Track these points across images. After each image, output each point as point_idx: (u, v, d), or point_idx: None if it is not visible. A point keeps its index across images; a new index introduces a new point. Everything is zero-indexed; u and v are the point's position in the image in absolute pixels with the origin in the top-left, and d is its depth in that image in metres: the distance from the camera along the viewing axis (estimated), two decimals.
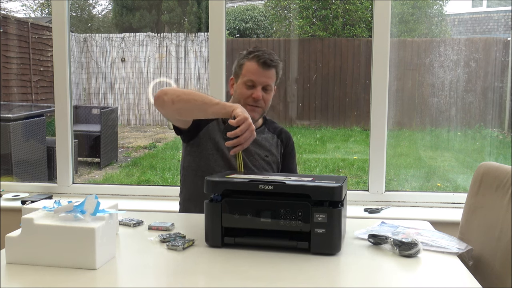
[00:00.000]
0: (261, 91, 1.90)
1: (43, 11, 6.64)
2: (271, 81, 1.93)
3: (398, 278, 1.29)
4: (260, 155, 1.97)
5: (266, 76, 1.90)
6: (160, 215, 1.77)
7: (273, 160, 2.00)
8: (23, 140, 3.92)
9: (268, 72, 1.91)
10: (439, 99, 4.62)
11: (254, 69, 1.89)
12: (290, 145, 2.10)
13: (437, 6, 5.77)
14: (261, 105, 1.92)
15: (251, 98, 1.89)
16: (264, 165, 1.97)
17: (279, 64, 1.95)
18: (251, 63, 1.90)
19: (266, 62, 1.89)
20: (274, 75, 1.94)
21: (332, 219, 1.35)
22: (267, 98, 1.93)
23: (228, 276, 1.25)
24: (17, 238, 1.27)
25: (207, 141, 1.91)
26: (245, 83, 1.90)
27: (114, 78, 6.12)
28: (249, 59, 1.92)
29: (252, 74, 1.89)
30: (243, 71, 1.92)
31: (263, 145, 2.00)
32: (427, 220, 1.78)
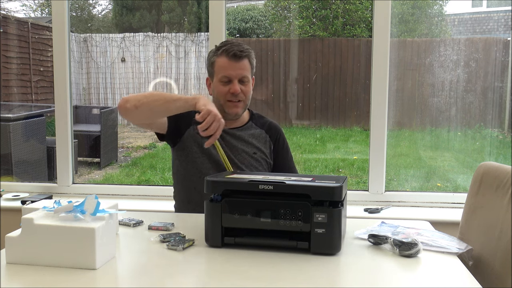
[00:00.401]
0: (238, 84, 1.87)
1: (43, 11, 6.64)
2: (246, 72, 1.89)
3: (398, 278, 1.29)
4: (248, 153, 1.94)
5: (240, 68, 1.87)
6: (160, 215, 1.77)
7: (262, 157, 1.96)
8: (23, 140, 3.92)
9: (240, 63, 1.87)
10: (439, 99, 4.62)
11: (225, 63, 1.87)
12: (280, 140, 2.04)
13: (437, 6, 5.77)
14: (242, 98, 1.89)
15: (230, 93, 1.87)
16: (253, 163, 1.93)
17: (250, 53, 1.91)
18: (221, 59, 1.88)
19: (236, 54, 1.86)
20: (248, 65, 1.90)
21: (332, 219, 1.35)
22: (246, 90, 1.89)
23: (228, 276, 1.25)
24: (17, 238, 1.27)
25: (192, 144, 1.90)
26: (220, 80, 1.88)
27: (114, 78, 6.12)
28: (218, 55, 1.89)
29: (225, 69, 1.87)
30: (215, 68, 1.90)
31: (250, 142, 1.96)
32: (427, 220, 1.78)
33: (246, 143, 1.95)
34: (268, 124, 2.04)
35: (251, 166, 1.92)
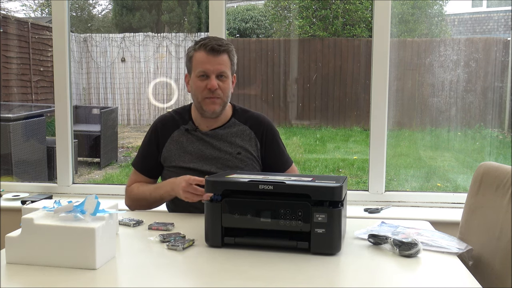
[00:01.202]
0: (216, 79, 1.82)
1: (43, 11, 6.63)
2: (225, 67, 1.83)
3: (398, 278, 1.29)
4: (232, 153, 1.87)
5: (218, 63, 1.82)
6: (160, 215, 1.77)
7: (247, 157, 1.89)
8: (23, 140, 3.92)
9: (219, 58, 1.82)
10: (439, 99, 4.61)
11: (203, 58, 1.82)
12: (267, 134, 1.94)
13: (437, 6, 5.76)
14: (219, 95, 1.83)
15: (207, 89, 1.82)
16: (238, 163, 1.87)
17: (229, 48, 1.86)
18: (199, 53, 1.83)
19: (214, 48, 1.81)
20: (227, 61, 1.85)
21: (332, 219, 1.35)
22: (224, 86, 1.83)
23: (228, 276, 1.25)
24: (17, 238, 1.27)
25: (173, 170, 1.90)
26: (197, 75, 1.83)
27: (114, 78, 6.12)
28: (196, 50, 1.85)
29: (202, 63, 1.82)
30: (193, 63, 1.85)
31: (233, 141, 1.89)
32: (427, 220, 1.78)
33: (229, 143, 1.89)
34: (252, 118, 1.95)
35: (236, 168, 1.86)
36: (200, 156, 1.88)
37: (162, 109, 6.15)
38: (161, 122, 1.96)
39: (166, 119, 1.97)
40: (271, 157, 1.94)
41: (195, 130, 1.91)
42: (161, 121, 1.97)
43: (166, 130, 1.93)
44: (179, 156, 1.89)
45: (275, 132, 1.97)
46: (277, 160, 1.95)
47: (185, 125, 1.92)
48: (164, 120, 1.97)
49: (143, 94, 6.14)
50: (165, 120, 1.96)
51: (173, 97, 6.09)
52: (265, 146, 1.93)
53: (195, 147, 1.89)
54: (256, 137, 1.92)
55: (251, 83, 5.29)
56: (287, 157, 1.99)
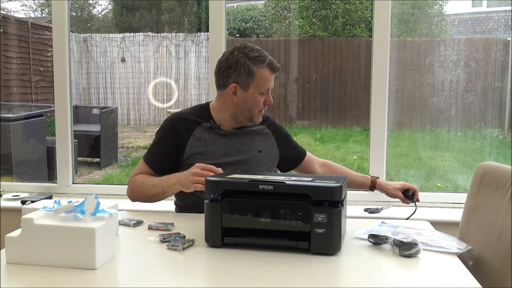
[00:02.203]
0: None
1: (43, 11, 6.63)
2: None
3: (398, 278, 1.29)
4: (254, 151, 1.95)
5: (273, 81, 1.91)
6: (160, 215, 1.77)
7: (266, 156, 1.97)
8: (23, 140, 3.92)
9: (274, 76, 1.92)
10: (439, 99, 4.61)
11: (268, 76, 1.87)
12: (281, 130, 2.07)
13: (437, 6, 5.76)
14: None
15: (263, 104, 1.91)
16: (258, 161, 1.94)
17: None
18: (264, 70, 1.86)
19: (276, 67, 1.89)
20: None
21: (332, 219, 1.35)
22: None
23: (228, 276, 1.25)
24: (17, 238, 1.27)
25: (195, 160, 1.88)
26: (261, 92, 1.88)
27: (114, 78, 6.12)
28: (260, 66, 1.85)
29: (268, 82, 1.88)
30: (257, 79, 1.85)
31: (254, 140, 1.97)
32: (427, 220, 1.78)
33: (251, 141, 1.96)
34: (267, 118, 2.07)
35: (257, 165, 1.93)
36: (224, 153, 1.91)
37: (162, 109, 6.15)
38: (180, 120, 1.94)
39: (184, 117, 1.95)
40: (289, 150, 2.06)
41: (218, 129, 1.94)
42: (179, 119, 1.95)
43: (187, 127, 1.92)
44: (203, 153, 1.89)
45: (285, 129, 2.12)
46: (295, 151, 2.08)
47: (206, 123, 1.94)
48: (182, 118, 1.95)
49: (143, 94, 6.14)
50: (183, 119, 1.95)
51: (173, 97, 6.09)
52: (282, 141, 2.04)
53: (219, 145, 1.91)
54: (273, 136, 2.03)
55: None
56: (300, 147, 2.13)
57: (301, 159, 2.09)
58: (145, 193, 1.88)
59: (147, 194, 1.87)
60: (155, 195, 1.86)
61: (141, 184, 1.89)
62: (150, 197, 1.88)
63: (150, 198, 1.89)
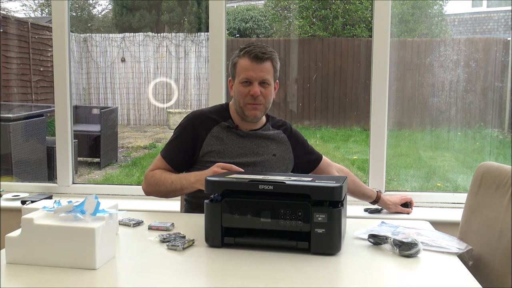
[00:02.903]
0: (259, 86, 1.87)
1: (43, 11, 6.63)
2: (267, 75, 1.88)
3: (398, 278, 1.29)
4: (269, 154, 1.95)
5: (261, 70, 1.87)
6: (160, 215, 1.77)
7: (280, 160, 1.98)
8: (23, 140, 3.92)
9: (262, 66, 1.87)
10: (439, 99, 4.61)
11: (247, 65, 1.87)
12: (297, 135, 2.06)
13: (437, 6, 5.76)
14: (261, 101, 1.89)
15: (249, 95, 1.87)
16: (272, 165, 1.95)
17: (273, 56, 1.91)
18: (243, 60, 1.88)
19: (258, 55, 1.86)
20: (271, 68, 1.90)
21: (332, 219, 1.35)
22: (266, 93, 1.89)
23: (228, 276, 1.25)
24: (17, 238, 1.27)
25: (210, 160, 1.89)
26: (240, 81, 1.88)
27: (114, 78, 6.12)
28: (240, 57, 1.90)
29: (246, 70, 1.87)
30: (237, 69, 1.90)
31: (269, 144, 1.98)
32: (427, 220, 1.78)
33: (266, 145, 1.97)
34: (281, 123, 2.07)
35: (271, 167, 1.94)
36: (240, 153, 1.91)
37: (162, 109, 6.15)
38: (199, 118, 1.96)
39: (204, 115, 1.97)
40: (304, 156, 2.05)
41: (236, 129, 1.95)
42: (199, 116, 1.97)
43: (206, 125, 1.94)
44: (219, 152, 1.90)
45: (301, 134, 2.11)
46: (311, 157, 2.07)
47: (225, 122, 1.95)
48: (201, 116, 1.97)
49: (143, 94, 6.14)
50: (203, 116, 1.97)
51: (173, 97, 6.09)
52: (297, 147, 2.04)
53: (235, 145, 1.92)
54: (289, 141, 2.03)
55: None
56: (317, 152, 2.11)
57: (316, 164, 2.08)
58: (162, 188, 1.87)
59: (164, 190, 1.87)
60: (172, 191, 1.86)
61: (159, 179, 1.89)
62: (167, 193, 1.88)
63: (166, 193, 1.88)
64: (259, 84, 1.87)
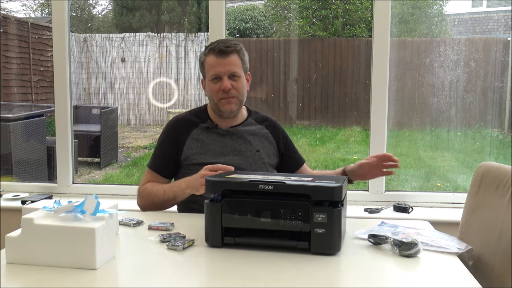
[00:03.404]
0: (229, 80, 1.87)
1: (43, 11, 6.64)
2: (235, 67, 1.88)
3: (398, 278, 1.29)
4: (252, 150, 1.94)
5: (228, 64, 1.86)
6: (160, 215, 1.77)
7: (265, 155, 1.95)
8: (23, 140, 3.92)
9: (229, 59, 1.87)
10: (439, 99, 4.62)
11: (213, 61, 1.87)
12: (283, 134, 2.04)
13: (437, 6, 5.77)
14: (234, 94, 1.88)
15: (221, 91, 1.87)
16: (256, 161, 1.93)
17: (237, 48, 1.90)
18: (209, 58, 1.89)
19: (222, 50, 1.86)
20: (238, 60, 1.89)
21: (332, 219, 1.35)
22: (237, 86, 1.88)
23: (228, 276, 1.25)
24: (17, 238, 1.27)
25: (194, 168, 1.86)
26: (210, 79, 1.89)
27: (114, 78, 6.13)
28: (206, 55, 1.90)
29: (213, 66, 1.87)
30: (205, 68, 1.91)
31: (252, 139, 1.96)
32: (427, 220, 1.78)
33: (248, 140, 1.95)
34: (265, 118, 2.04)
35: (256, 164, 1.92)
36: (222, 152, 1.91)
37: (162, 109, 6.16)
38: (179, 122, 1.98)
39: (183, 119, 1.99)
40: (288, 156, 2.03)
41: (216, 128, 1.95)
42: (178, 120, 1.99)
43: (185, 129, 1.95)
44: (200, 154, 1.91)
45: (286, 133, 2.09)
46: (294, 156, 2.06)
47: (204, 124, 1.96)
48: (181, 120, 1.99)
49: (143, 94, 6.15)
50: (182, 120, 1.99)
51: (173, 97, 6.10)
52: (282, 145, 2.02)
53: (216, 144, 1.92)
54: (273, 137, 2.01)
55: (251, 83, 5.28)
56: (300, 154, 2.10)
57: (300, 164, 2.06)
58: (155, 200, 1.88)
59: (158, 201, 1.88)
60: (165, 201, 1.87)
61: (151, 191, 1.90)
62: (161, 203, 1.88)
63: (161, 204, 1.89)
64: (228, 78, 1.87)
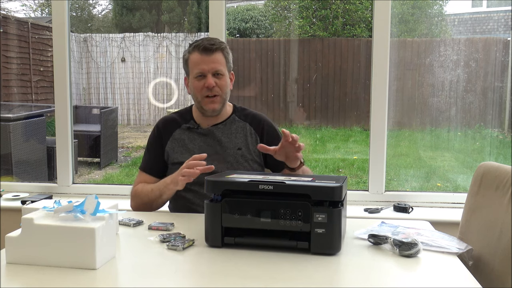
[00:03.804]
0: (213, 78, 1.87)
1: (43, 11, 6.64)
2: (220, 65, 1.89)
3: (398, 278, 1.29)
4: (232, 148, 1.92)
5: (212, 62, 1.87)
6: (160, 215, 1.77)
7: (247, 152, 1.93)
8: (23, 140, 3.92)
9: (213, 57, 1.87)
10: (439, 99, 4.62)
11: (198, 59, 1.88)
12: (268, 129, 1.98)
13: (437, 6, 5.77)
14: (217, 92, 1.89)
15: (205, 88, 1.87)
16: (238, 159, 1.91)
17: (222, 46, 1.91)
18: (193, 55, 1.90)
19: (206, 47, 1.87)
20: (222, 59, 1.90)
21: (332, 219, 1.35)
22: (221, 84, 1.89)
23: (228, 276, 1.25)
24: (17, 238, 1.27)
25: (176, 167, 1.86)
26: (194, 76, 1.89)
27: (114, 78, 6.12)
28: (191, 52, 1.91)
29: (197, 64, 1.88)
30: (189, 65, 1.91)
31: (233, 137, 1.95)
32: (427, 220, 1.78)
33: (230, 138, 1.95)
34: (252, 115, 2.01)
35: (237, 162, 1.91)
36: (202, 152, 1.89)
37: (162, 109, 6.16)
38: (163, 123, 2.03)
39: (168, 120, 2.03)
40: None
41: (197, 128, 1.97)
42: (163, 121, 2.03)
43: (168, 129, 1.99)
44: (181, 153, 1.94)
45: (275, 128, 2.02)
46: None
47: (186, 124, 1.99)
48: (165, 121, 2.03)
49: (143, 94, 6.14)
50: (166, 121, 2.02)
51: (173, 97, 6.10)
52: (266, 141, 1.93)
53: (196, 144, 1.94)
54: (256, 133, 1.98)
55: (251, 83, 5.30)
56: None
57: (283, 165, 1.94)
58: (145, 199, 1.90)
59: (147, 200, 1.89)
60: (154, 200, 1.87)
61: (141, 191, 1.92)
62: (150, 202, 1.89)
63: (150, 203, 1.89)
64: (212, 75, 1.88)
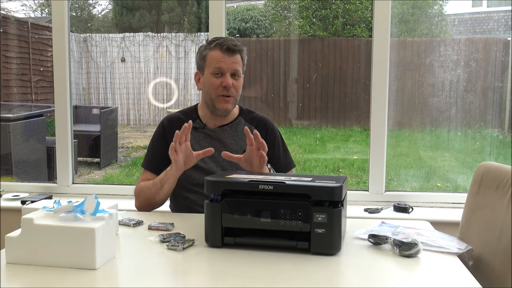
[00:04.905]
0: (230, 78, 1.86)
1: (43, 11, 6.63)
2: (238, 66, 1.88)
3: (398, 278, 1.29)
4: (238, 151, 1.90)
5: (233, 61, 1.87)
6: (160, 215, 1.77)
7: None
8: (23, 140, 3.92)
9: (234, 57, 1.87)
10: (439, 99, 4.62)
11: (219, 56, 1.86)
12: (271, 134, 1.99)
13: (437, 6, 5.77)
14: (232, 93, 1.88)
15: (221, 87, 1.86)
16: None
17: (243, 49, 1.91)
18: (214, 52, 1.87)
19: (230, 47, 1.86)
20: (240, 61, 1.90)
21: (332, 219, 1.35)
22: (237, 85, 1.89)
23: (228, 276, 1.25)
24: (17, 238, 1.27)
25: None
26: (212, 72, 1.87)
27: (114, 78, 6.12)
28: (211, 49, 1.88)
29: (218, 61, 1.86)
30: (207, 61, 1.88)
31: (239, 139, 1.94)
32: (427, 220, 1.78)
33: (235, 140, 1.94)
34: (258, 119, 2.01)
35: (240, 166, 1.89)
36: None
37: (162, 109, 6.16)
38: (168, 120, 2.00)
39: (173, 118, 2.00)
40: (274, 158, 1.96)
41: (203, 128, 1.95)
42: (168, 120, 2.00)
43: (173, 128, 1.93)
44: None
45: (278, 134, 2.03)
46: (280, 161, 1.98)
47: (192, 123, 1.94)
48: (171, 119, 1.99)
49: (143, 94, 6.14)
50: (172, 119, 1.99)
51: (173, 97, 6.10)
52: (271, 144, 1.94)
53: (201, 145, 1.91)
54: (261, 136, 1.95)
55: (251, 83, 5.30)
56: (289, 160, 2.03)
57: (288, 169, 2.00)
58: (147, 193, 1.88)
59: (150, 194, 1.87)
60: (156, 193, 1.85)
61: (143, 187, 1.91)
62: (152, 196, 1.87)
63: (153, 197, 1.88)
64: (230, 75, 1.87)
